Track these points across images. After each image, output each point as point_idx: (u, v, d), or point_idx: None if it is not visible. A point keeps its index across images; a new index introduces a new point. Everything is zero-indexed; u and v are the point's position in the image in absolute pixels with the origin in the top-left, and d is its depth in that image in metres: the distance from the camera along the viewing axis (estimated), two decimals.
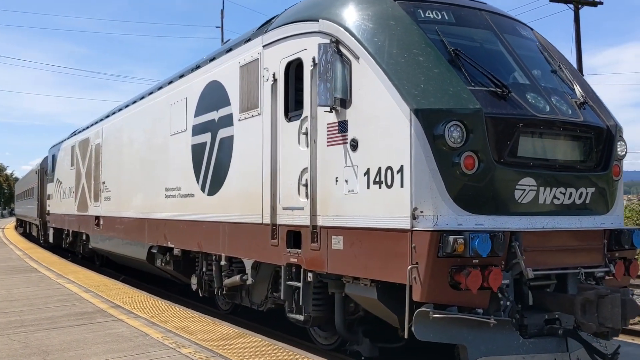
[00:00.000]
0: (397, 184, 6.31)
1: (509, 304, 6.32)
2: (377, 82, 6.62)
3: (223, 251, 9.90)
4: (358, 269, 6.83)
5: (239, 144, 9.47)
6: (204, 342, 7.52)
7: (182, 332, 8.18)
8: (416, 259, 6.06)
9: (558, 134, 6.78)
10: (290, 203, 8.07)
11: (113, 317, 9.34)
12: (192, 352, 7.02)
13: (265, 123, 8.68)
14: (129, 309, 10.04)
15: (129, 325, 8.69)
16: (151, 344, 7.50)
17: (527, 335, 6.43)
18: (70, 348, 7.36)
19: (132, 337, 7.88)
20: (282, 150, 8.29)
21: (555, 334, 6.53)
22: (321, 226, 7.41)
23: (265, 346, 7.35)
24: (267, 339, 7.77)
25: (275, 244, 8.38)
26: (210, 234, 10.26)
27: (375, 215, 6.57)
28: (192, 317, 9.38)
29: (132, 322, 8.95)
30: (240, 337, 7.91)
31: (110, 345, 7.45)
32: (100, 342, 7.62)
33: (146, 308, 10.15)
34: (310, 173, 7.61)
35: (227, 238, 9.72)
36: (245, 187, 9.19)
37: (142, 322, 8.94)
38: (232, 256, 9.75)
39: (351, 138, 6.96)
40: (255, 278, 9.12)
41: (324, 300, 7.98)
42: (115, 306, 10.40)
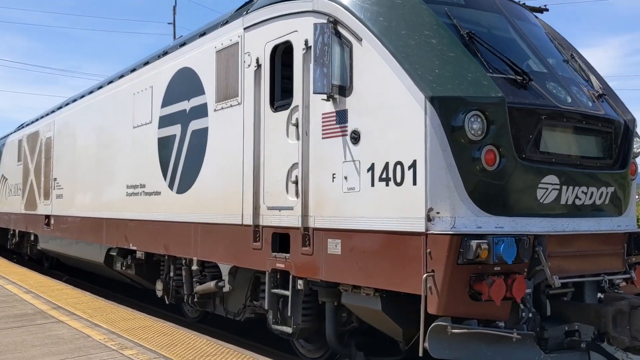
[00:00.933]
0: (408, 181, 5.59)
1: (530, 316, 5.68)
2: (384, 66, 5.88)
3: (195, 255, 8.99)
4: (359, 277, 6.07)
5: (215, 137, 8.59)
6: (148, 344, 7.34)
7: (126, 333, 7.99)
8: (432, 266, 5.34)
9: (581, 128, 6.18)
10: (276, 202, 7.26)
11: (54, 319, 9.00)
12: (135, 354, 6.78)
13: (247, 113, 7.84)
14: (71, 310, 9.69)
15: (70, 327, 8.40)
16: (93, 345, 7.32)
17: (547, 350, 5.80)
18: (7, 351, 7.03)
19: (73, 339, 7.66)
20: (267, 143, 7.46)
21: (577, 348, 5.94)
22: (314, 228, 6.62)
23: (211, 347, 7.19)
24: (213, 340, 7.62)
25: (257, 248, 7.54)
26: (180, 236, 9.33)
27: (382, 217, 5.83)
28: (136, 319, 9.08)
29: (73, 323, 8.68)
30: (186, 337, 7.73)
31: (49, 348, 7.18)
32: (40, 345, 7.34)
33: (89, 309, 9.85)
34: (301, 169, 6.82)
35: (200, 240, 8.82)
36: (222, 184, 8.32)
37: (84, 323, 8.68)
38: (206, 260, 8.85)
39: (352, 130, 6.20)
40: (232, 285, 8.26)
41: (313, 309, 7.20)
42: (56, 307, 10.01)
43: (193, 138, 9.14)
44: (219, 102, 8.46)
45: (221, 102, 8.42)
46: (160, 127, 10.16)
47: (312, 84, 6.35)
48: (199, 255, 8.89)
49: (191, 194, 9.09)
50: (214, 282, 8.56)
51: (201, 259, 8.90)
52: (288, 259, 7.01)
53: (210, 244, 8.59)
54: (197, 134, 9.01)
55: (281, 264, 7.12)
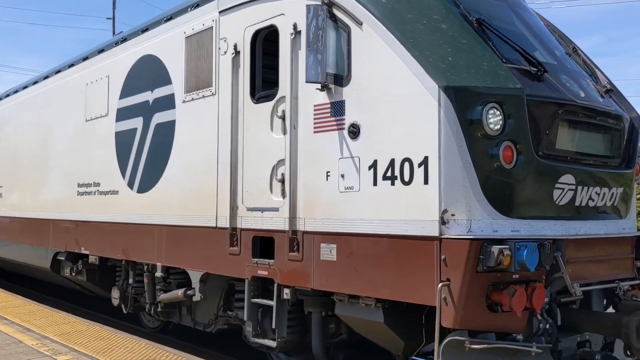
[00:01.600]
0: (418, 179, 5.04)
1: (548, 327, 5.23)
2: (389, 53, 5.32)
3: (159, 260, 8.19)
4: (359, 286, 5.48)
5: (184, 130, 7.82)
6: (83, 349, 7.17)
7: (60, 338, 7.77)
8: (447, 274, 4.81)
9: (594, 124, 5.79)
10: (258, 203, 6.59)
11: None
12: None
13: (223, 105, 7.13)
14: (1, 315, 9.33)
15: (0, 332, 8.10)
16: (25, 351, 7.08)
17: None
18: None
19: (4, 345, 7.38)
20: (247, 137, 6.78)
21: (590, 359, 5.54)
22: (305, 231, 6.00)
23: (150, 351, 7.08)
24: (152, 344, 7.48)
25: (235, 253, 6.85)
26: (141, 240, 8.51)
27: (386, 219, 5.26)
28: (71, 322, 8.85)
29: (4, 328, 8.40)
30: (124, 341, 7.60)
31: None
32: None
33: (20, 313, 9.49)
34: (289, 166, 6.18)
35: (166, 244, 8.04)
36: (193, 183, 7.57)
37: (16, 328, 8.41)
38: (172, 266, 8.07)
39: (350, 123, 5.61)
40: (204, 293, 7.52)
41: (297, 320, 6.57)
42: None
43: (157, 132, 8.34)
44: (189, 92, 7.71)
45: (191, 92, 7.67)
46: (118, 120, 9.29)
47: (305, 71, 5.72)
48: (163, 260, 8.10)
49: (155, 193, 8.29)
50: (182, 290, 7.78)
51: (166, 265, 8.11)
52: (272, 265, 6.35)
53: (177, 249, 7.82)
54: (162, 128, 8.22)
55: (264, 270, 6.45)
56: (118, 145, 9.23)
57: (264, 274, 6.46)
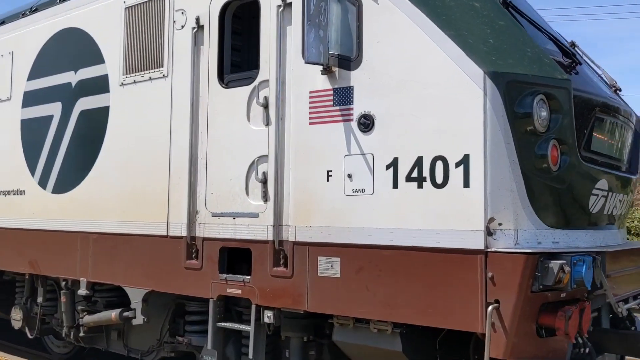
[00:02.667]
0: (455, 182, 4.24)
1: (587, 351, 4.62)
2: (416, 31, 4.48)
3: (83, 275, 6.77)
4: (371, 308, 4.57)
5: (121, 119, 6.51)
6: None
7: None
8: (495, 294, 4.04)
9: (619, 125, 5.30)
10: (229, 207, 5.49)
11: None
12: None
13: (178, 89, 5.94)
14: None
15: None
16: None
17: None
18: None
19: None
20: (214, 128, 5.66)
21: None
22: (296, 242, 5.00)
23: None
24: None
25: (194, 267, 5.69)
26: (58, 250, 7.04)
27: (411, 228, 4.41)
28: None
29: None
30: None
31: None
32: None
33: None
34: (274, 163, 5.16)
35: (93, 256, 6.65)
36: (134, 182, 6.29)
37: None
38: (102, 282, 6.69)
39: (360, 113, 4.70)
40: (147, 315, 6.25)
41: (270, 346, 5.55)
42: None
43: (82, 120, 6.93)
44: (130, 74, 6.42)
45: (133, 74, 6.38)
46: (25, 106, 7.71)
47: (305, 50, 4.74)
48: (90, 275, 6.71)
49: (78, 194, 6.86)
50: (116, 311, 6.44)
51: (94, 281, 6.72)
52: (248, 282, 5.28)
53: (111, 262, 6.47)
54: (90, 115, 6.84)
55: (235, 289, 5.36)
56: (25, 137, 7.66)
57: (235, 293, 5.37)
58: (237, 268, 5.48)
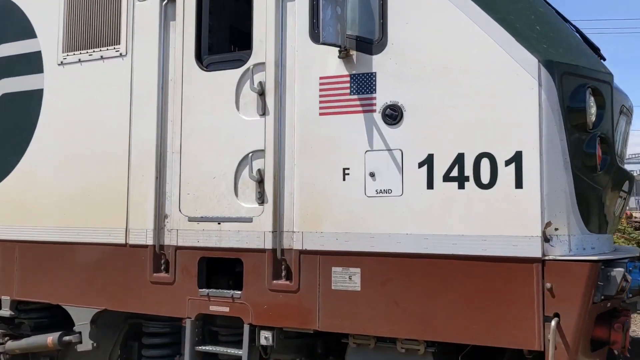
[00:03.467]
0: (506, 182, 3.79)
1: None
2: (455, 13, 3.98)
3: (6, 293, 5.60)
4: (403, 325, 4.00)
5: (60, 105, 5.44)
6: None
7: None
8: (554, 307, 3.64)
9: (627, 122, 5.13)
10: (212, 210, 4.68)
11: None
12: None
13: (141, 71, 5.03)
14: None
15: None
16: None
17: None
18: None
19: None
20: (190, 117, 4.82)
21: None
22: (303, 250, 4.32)
23: None
24: None
25: (165, 281, 4.81)
26: None
27: (451, 234, 3.90)
28: None
29: None
30: None
31: None
32: None
33: None
34: (274, 159, 4.44)
35: (21, 270, 5.52)
36: (79, 180, 5.26)
37: None
38: (33, 301, 5.56)
39: (385, 103, 4.12)
40: (95, 339, 5.23)
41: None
42: None
43: (4, 105, 5.76)
44: (73, 51, 5.38)
45: (78, 52, 5.35)
46: None
47: (322, 29, 4.07)
48: (15, 293, 5.55)
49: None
50: (55, 335, 5.36)
51: (20, 299, 5.57)
52: (238, 298, 4.51)
53: (44, 276, 5.39)
54: (15, 100, 5.69)
55: (221, 306, 4.57)
56: None
57: (221, 311, 4.58)
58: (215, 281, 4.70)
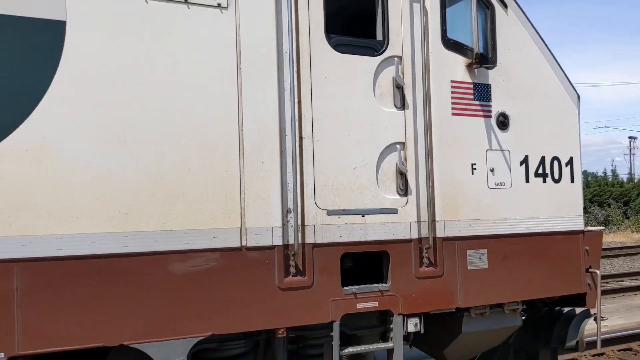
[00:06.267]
0: (566, 178, 5.39)
1: None
2: (536, 51, 5.29)
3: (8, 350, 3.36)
4: (514, 291, 5.02)
5: (104, 53, 3.70)
6: None
7: None
8: (589, 262, 5.48)
9: None
10: (354, 203, 4.38)
11: None
12: None
13: (251, 33, 4.11)
14: None
15: None
16: None
17: None
18: None
19: None
20: (321, 100, 4.31)
21: None
22: (445, 237, 4.71)
23: None
24: None
25: (301, 285, 4.18)
26: None
27: (540, 216, 5.20)
28: None
29: None
30: None
31: None
32: None
33: None
34: (415, 153, 4.62)
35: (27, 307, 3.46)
36: (147, 165, 3.78)
37: None
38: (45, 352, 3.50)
39: (499, 112, 5.04)
40: None
41: None
42: None
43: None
44: None
45: None
46: None
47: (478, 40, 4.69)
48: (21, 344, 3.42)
49: None
50: None
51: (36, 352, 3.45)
52: (387, 291, 4.46)
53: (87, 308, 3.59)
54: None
55: (369, 302, 4.40)
56: None
57: (370, 307, 4.40)
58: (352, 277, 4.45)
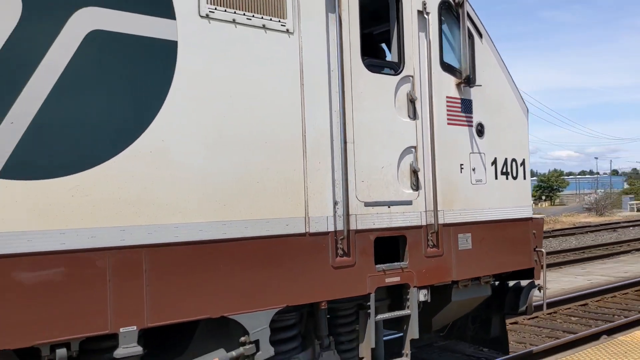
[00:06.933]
0: (520, 176, 6.71)
1: None
2: (500, 75, 6.56)
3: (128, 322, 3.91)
4: (491, 267, 6.27)
5: (203, 68, 4.36)
6: None
7: None
8: (535, 244, 6.86)
9: None
10: (381, 196, 5.34)
11: None
12: None
13: (310, 55, 4.93)
14: None
15: None
16: None
17: None
18: None
19: None
20: (359, 111, 5.22)
21: None
22: (444, 224, 5.81)
23: None
24: None
25: (347, 264, 5.07)
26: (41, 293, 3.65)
27: (505, 207, 6.48)
28: None
29: None
30: None
31: None
32: None
33: None
34: (423, 155, 5.67)
35: (153, 284, 4.06)
36: (236, 165, 4.49)
37: None
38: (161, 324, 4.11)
39: (477, 122, 6.23)
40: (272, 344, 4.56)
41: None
42: None
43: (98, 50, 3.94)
44: (222, 6, 4.46)
45: (229, 8, 4.50)
46: None
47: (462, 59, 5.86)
48: (147, 319, 4.01)
49: (95, 180, 3.90)
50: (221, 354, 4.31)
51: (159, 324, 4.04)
52: (406, 268, 5.48)
53: (196, 285, 4.24)
54: (122, 45, 4.04)
55: (393, 277, 5.40)
56: None
57: (394, 281, 5.39)
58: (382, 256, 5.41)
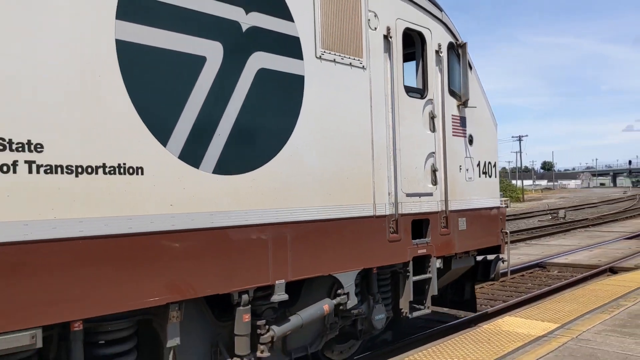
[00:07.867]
0: (493, 175, 8.86)
1: None
2: (481, 98, 8.64)
3: (280, 276, 5.51)
4: (477, 244, 8.32)
5: (318, 95, 6.01)
6: None
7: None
8: (502, 225, 9.05)
9: None
10: (416, 189, 7.21)
11: None
12: None
13: (376, 84, 6.70)
14: None
15: None
16: None
17: None
18: None
19: None
20: (402, 126, 7.05)
21: None
22: (451, 210, 7.78)
23: None
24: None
25: (396, 239, 6.91)
26: (229, 254, 5.18)
27: (485, 198, 8.59)
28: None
29: None
30: None
31: None
32: None
33: None
34: (438, 158, 7.61)
35: (294, 251, 5.68)
36: (335, 164, 6.19)
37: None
38: (308, 277, 5.74)
39: (469, 133, 8.27)
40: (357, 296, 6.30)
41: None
42: None
43: (263, 82, 5.50)
44: (330, 50, 6.13)
45: (333, 52, 6.17)
46: (130, 19, 4.57)
47: (462, 88, 7.90)
48: (290, 274, 5.63)
49: (263, 176, 5.47)
50: (329, 302, 5.99)
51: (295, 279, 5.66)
52: (429, 243, 7.39)
53: (314, 253, 5.91)
54: (276, 79, 5.62)
55: (422, 249, 7.29)
56: (132, 73, 4.58)
57: (422, 252, 7.28)
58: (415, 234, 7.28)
